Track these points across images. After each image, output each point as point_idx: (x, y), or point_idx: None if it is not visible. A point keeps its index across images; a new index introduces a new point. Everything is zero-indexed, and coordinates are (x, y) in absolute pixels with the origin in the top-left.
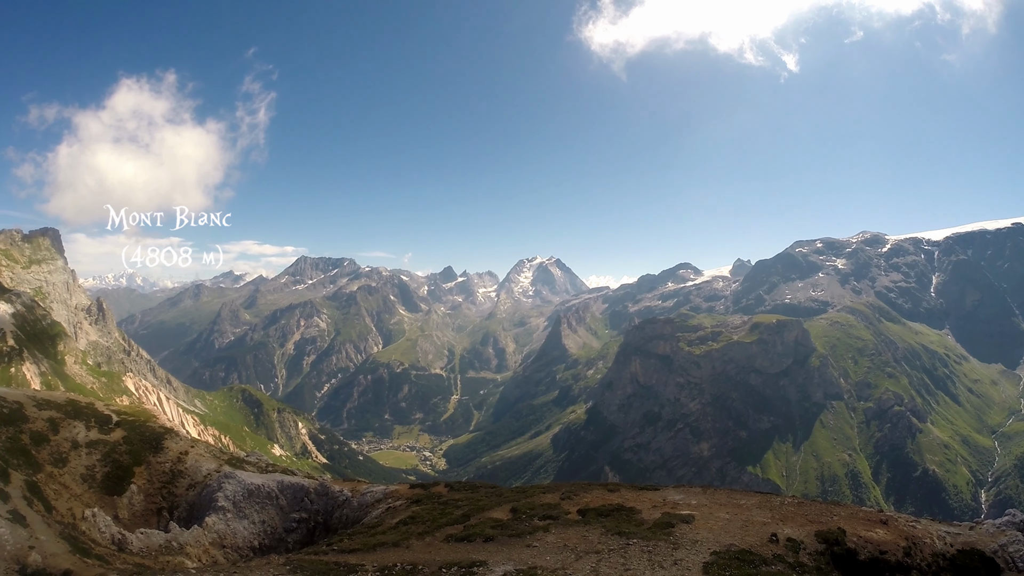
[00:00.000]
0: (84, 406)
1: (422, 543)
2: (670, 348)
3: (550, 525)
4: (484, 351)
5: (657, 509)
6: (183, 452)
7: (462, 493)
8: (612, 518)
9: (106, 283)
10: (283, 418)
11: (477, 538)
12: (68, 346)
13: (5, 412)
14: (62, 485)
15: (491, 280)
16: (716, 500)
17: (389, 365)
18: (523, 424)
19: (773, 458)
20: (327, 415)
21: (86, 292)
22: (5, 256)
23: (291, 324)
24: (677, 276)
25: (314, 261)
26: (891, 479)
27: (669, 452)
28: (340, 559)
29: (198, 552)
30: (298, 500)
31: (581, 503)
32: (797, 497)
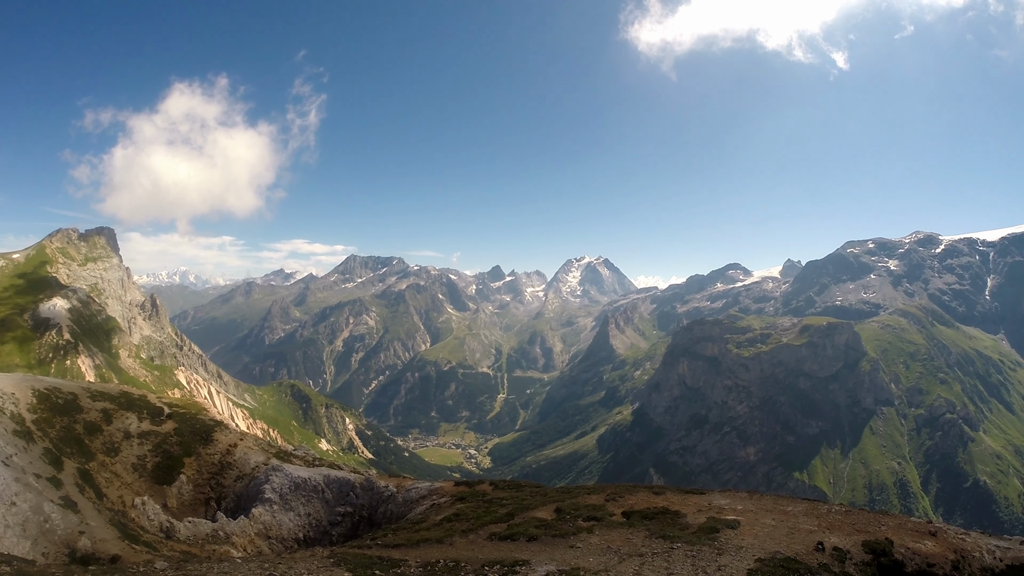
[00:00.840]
0: (137, 398)
1: (465, 540)
2: (718, 350)
3: (594, 526)
4: (531, 350)
5: (702, 513)
6: (232, 444)
7: (507, 492)
8: (657, 521)
9: (160, 280)
10: (331, 414)
11: (520, 537)
12: (122, 340)
13: (60, 403)
14: (114, 473)
15: (539, 279)
16: (762, 506)
17: (437, 363)
18: (569, 424)
19: (820, 464)
20: (374, 411)
21: (140, 289)
22: (62, 254)
23: (340, 321)
24: (726, 277)
25: (363, 260)
26: (941, 489)
27: (715, 455)
28: (384, 553)
29: (244, 542)
30: (344, 494)
31: (626, 505)
32: (844, 505)
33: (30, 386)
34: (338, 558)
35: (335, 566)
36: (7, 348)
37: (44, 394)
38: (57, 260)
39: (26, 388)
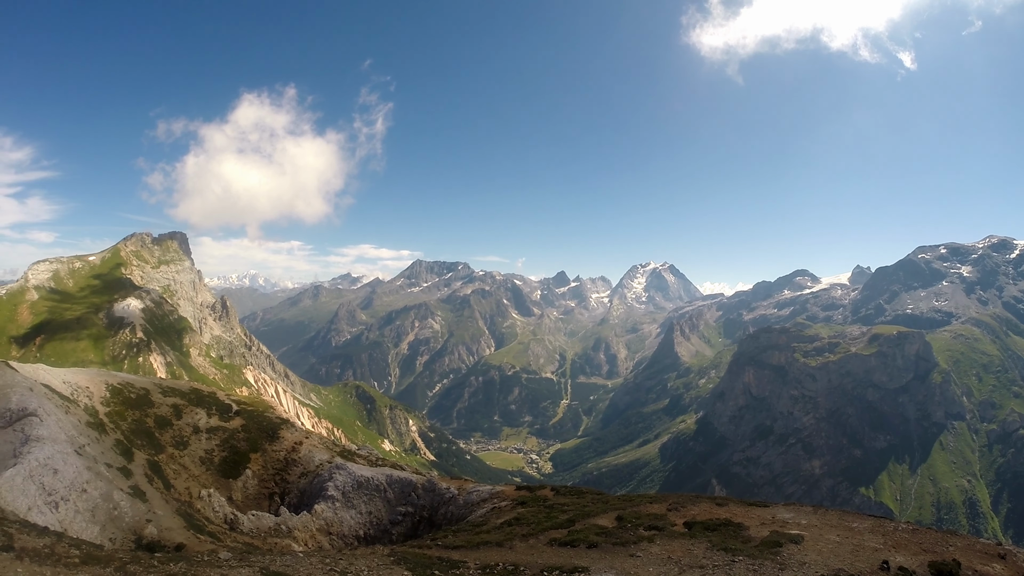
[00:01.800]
0: (206, 395)
1: (525, 545)
2: (785, 359)
3: (655, 536)
4: (595, 356)
5: (765, 527)
6: (297, 442)
7: (568, 498)
8: (719, 533)
9: (230, 283)
10: (394, 415)
11: (581, 544)
12: (193, 340)
13: (132, 397)
14: (181, 466)
15: (604, 285)
16: (827, 521)
17: (500, 367)
18: (631, 432)
19: (887, 480)
20: (437, 414)
21: (211, 291)
22: (136, 257)
23: (406, 325)
24: (794, 283)
25: (429, 265)
26: (1012, 509)
27: (779, 468)
28: (443, 554)
29: (305, 537)
30: (405, 494)
31: (688, 515)
32: (911, 523)
33: (104, 381)
34: (398, 557)
35: (395, 564)
36: (82, 345)
37: (117, 388)
38: (131, 263)
39: (100, 382)
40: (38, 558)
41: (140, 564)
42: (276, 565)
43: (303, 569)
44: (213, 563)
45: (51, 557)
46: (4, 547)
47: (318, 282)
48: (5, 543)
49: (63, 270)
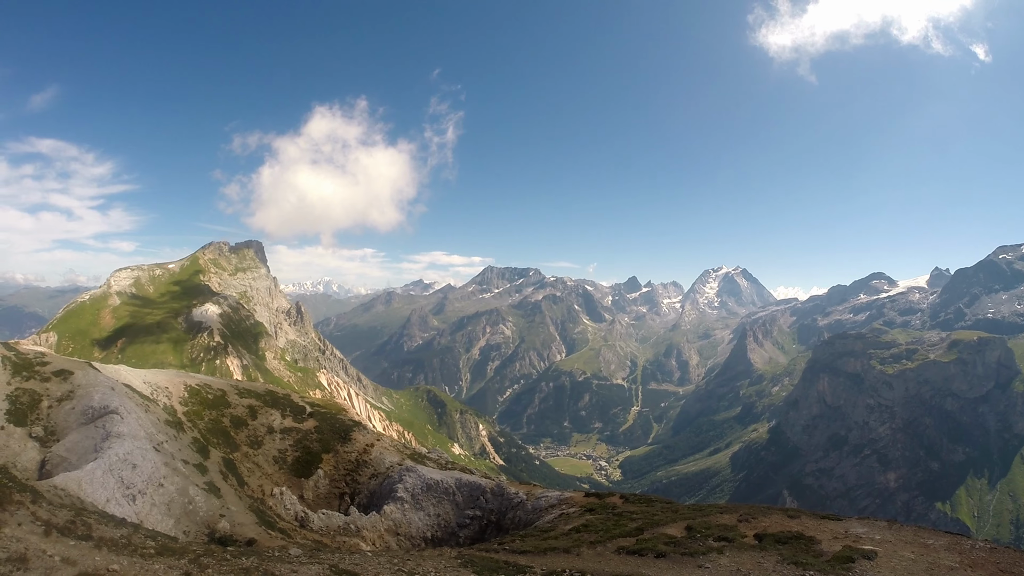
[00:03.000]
0: (281, 397)
1: (593, 552)
2: (861, 366)
3: (724, 547)
4: (667, 363)
5: (838, 541)
6: (369, 444)
7: (637, 506)
8: (790, 546)
9: (305, 289)
10: (465, 419)
11: (649, 553)
12: (268, 344)
13: (210, 398)
14: (255, 464)
15: (675, 291)
16: (901, 537)
17: (571, 373)
18: (702, 440)
19: (965, 495)
20: (507, 419)
21: (286, 297)
22: (214, 264)
23: (477, 330)
24: (869, 287)
25: (500, 271)
26: None
27: (853, 480)
28: (510, 559)
29: (373, 536)
30: (474, 498)
31: (759, 527)
32: (989, 542)
33: (183, 381)
34: (465, 559)
35: (462, 567)
36: (162, 348)
37: (195, 389)
38: (209, 270)
39: (179, 383)
40: (115, 548)
41: (213, 557)
42: (345, 563)
43: (371, 568)
44: (284, 559)
45: (128, 547)
46: (84, 536)
47: (391, 288)
48: (85, 533)
49: (144, 277)
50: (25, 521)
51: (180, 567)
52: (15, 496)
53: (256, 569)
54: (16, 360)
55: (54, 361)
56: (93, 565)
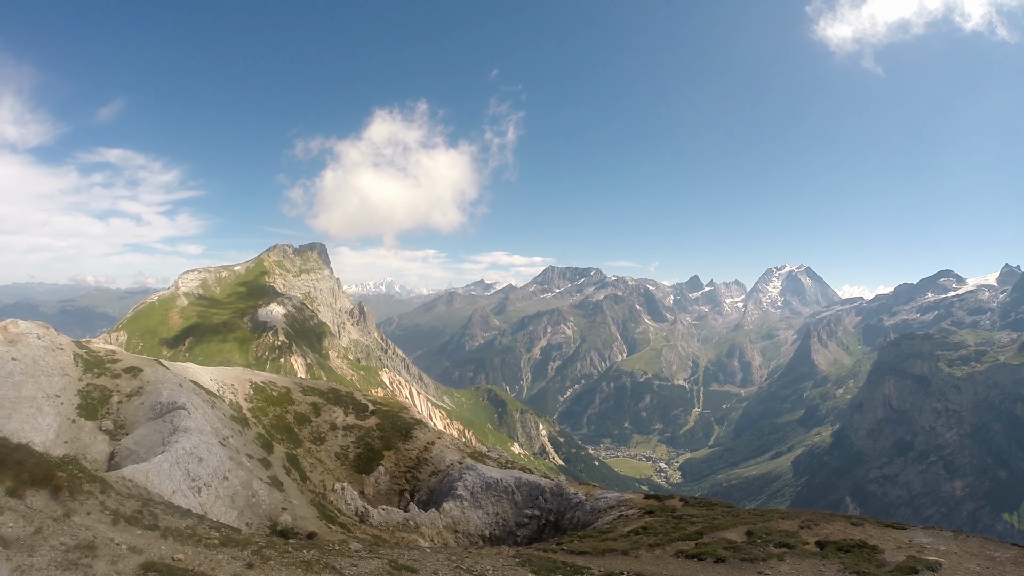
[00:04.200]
0: (344, 394)
1: (651, 555)
2: (928, 368)
3: (785, 554)
4: (729, 364)
5: (902, 551)
6: (430, 442)
7: (697, 509)
8: (852, 555)
9: (368, 290)
10: (525, 419)
11: (708, 557)
12: (332, 343)
13: (274, 395)
14: (318, 460)
15: (738, 290)
16: (967, 548)
17: (632, 374)
18: (764, 443)
19: None
20: (568, 419)
21: (349, 297)
22: (279, 266)
23: (538, 330)
24: (937, 285)
25: (561, 271)
26: None
27: (917, 488)
28: (568, 559)
29: (432, 533)
30: (533, 497)
31: (820, 534)
32: None
33: (248, 379)
34: (523, 558)
35: (520, 566)
36: (228, 346)
37: (260, 386)
38: (274, 271)
39: (245, 380)
40: (180, 538)
41: (275, 549)
42: (404, 559)
43: (430, 564)
44: (344, 553)
45: (192, 537)
46: (150, 526)
47: (452, 289)
48: (151, 523)
49: (210, 279)
50: (94, 510)
51: (243, 558)
52: (85, 486)
53: (317, 562)
54: (88, 357)
55: (124, 359)
56: (159, 554)
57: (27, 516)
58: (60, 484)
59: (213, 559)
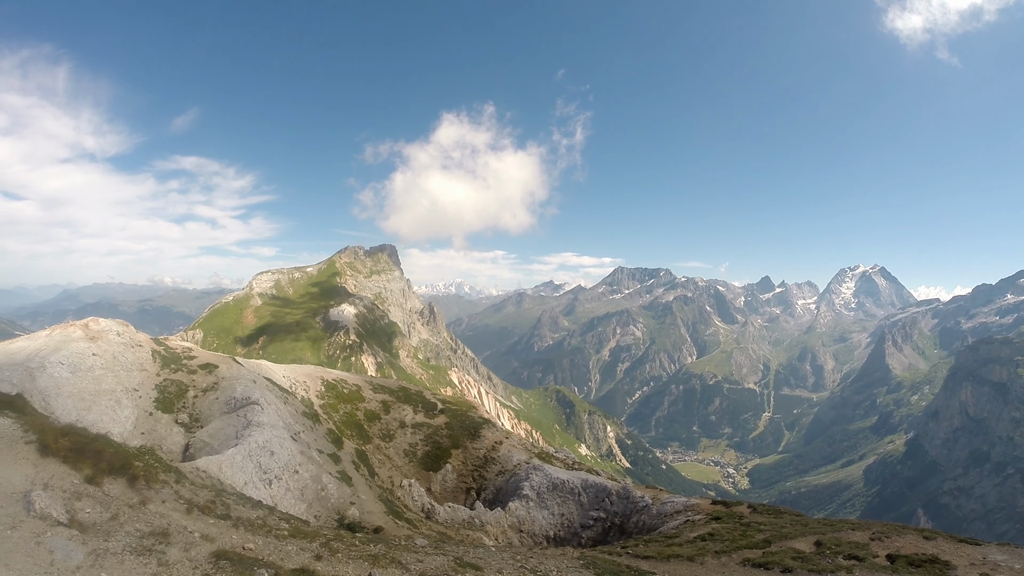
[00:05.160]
0: (413, 393)
1: (717, 562)
2: (1007, 375)
3: (854, 567)
4: (801, 367)
5: (975, 568)
6: (497, 442)
7: (765, 517)
8: (924, 570)
9: (437, 290)
10: (592, 420)
11: (775, 567)
12: (402, 342)
13: (345, 392)
14: (386, 456)
15: (810, 291)
16: None
17: (702, 376)
18: (835, 450)
19: None
20: (636, 421)
21: (420, 298)
22: (350, 268)
23: (607, 332)
24: (1017, 286)
25: (630, 271)
26: None
27: (993, 502)
28: (632, 563)
29: (496, 532)
30: (599, 499)
31: (891, 547)
32: None
33: (319, 376)
34: (588, 560)
35: (584, 568)
36: (301, 345)
37: (331, 384)
38: (345, 273)
39: (316, 378)
40: (251, 528)
41: (342, 542)
42: (469, 556)
43: (494, 563)
44: (410, 548)
45: (263, 528)
46: (222, 516)
47: (521, 290)
48: (223, 512)
49: (283, 279)
50: (169, 499)
51: (311, 550)
52: (160, 475)
53: (384, 556)
54: (165, 354)
55: (200, 355)
56: (230, 543)
57: (104, 502)
58: (137, 473)
59: (282, 549)
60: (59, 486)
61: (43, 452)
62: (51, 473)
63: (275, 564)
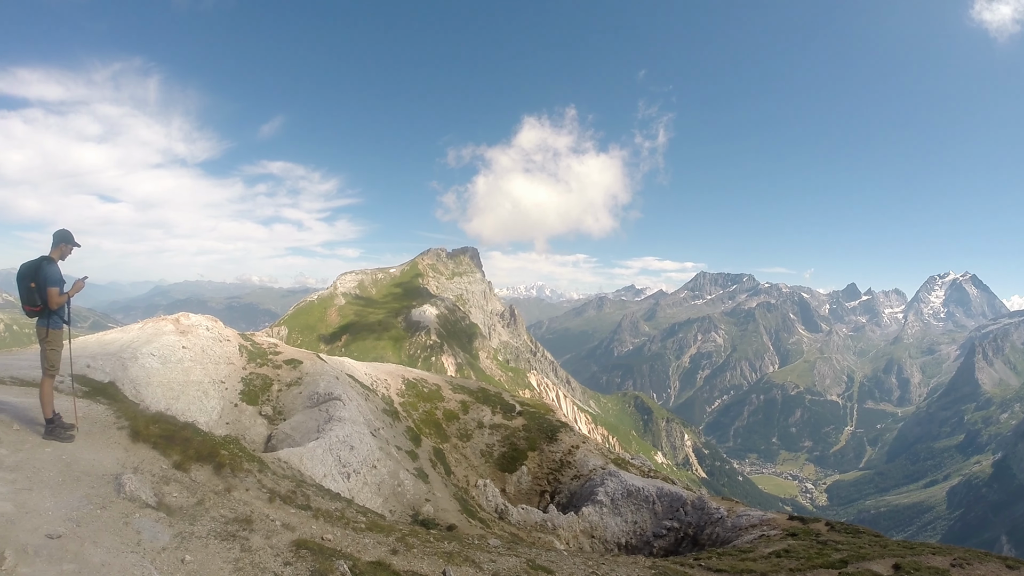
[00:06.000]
0: (492, 394)
1: None
2: None
3: None
4: (886, 380)
5: None
6: (574, 446)
7: (842, 536)
8: None
9: (518, 293)
10: (670, 428)
11: None
12: (482, 344)
13: (425, 391)
14: (463, 456)
15: (898, 299)
16: None
17: (783, 387)
18: (918, 469)
19: None
20: (714, 431)
21: (501, 300)
22: (432, 269)
23: (688, 338)
24: None
25: (713, 277)
26: None
27: None
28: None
29: (568, 536)
30: (673, 509)
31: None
32: None
33: (400, 375)
34: (659, 570)
35: None
36: (383, 344)
37: (412, 383)
38: (428, 274)
39: (397, 376)
40: (330, 519)
41: (417, 538)
42: (541, 559)
43: (566, 567)
44: (483, 548)
45: (341, 520)
46: (303, 506)
47: (602, 294)
48: (304, 503)
49: (367, 280)
50: (252, 487)
51: (388, 544)
52: (244, 464)
53: (458, 554)
54: (252, 349)
55: (285, 351)
56: (310, 533)
57: (191, 488)
58: (223, 461)
59: (360, 542)
60: (148, 470)
61: (134, 438)
62: (141, 458)
63: (353, 556)
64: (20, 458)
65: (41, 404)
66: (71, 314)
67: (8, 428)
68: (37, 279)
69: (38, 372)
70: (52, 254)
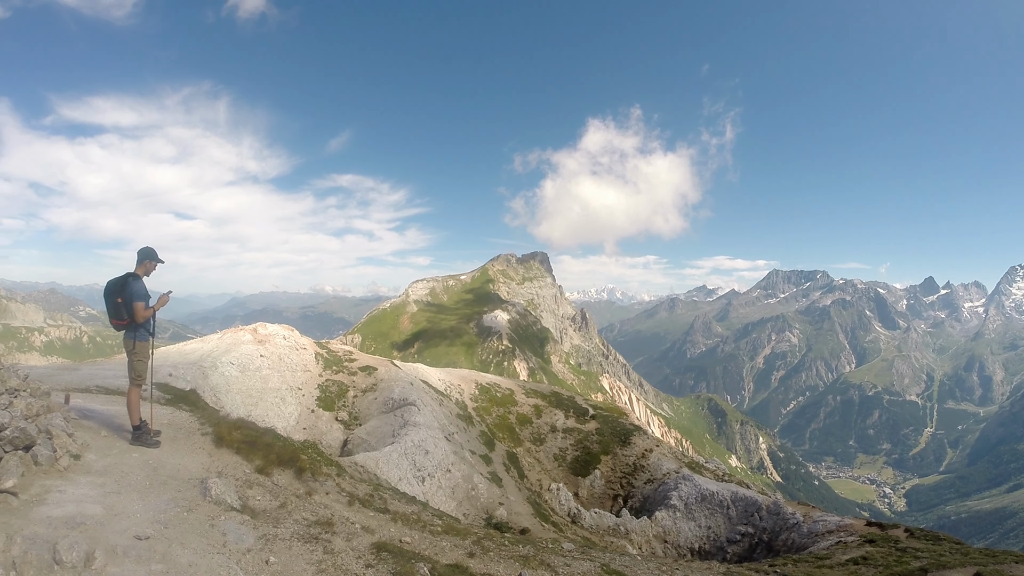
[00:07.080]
0: (565, 398)
1: None
2: None
3: None
4: (967, 378)
5: None
6: (647, 449)
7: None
8: None
9: (589, 297)
10: (745, 431)
11: None
12: (554, 348)
13: (498, 396)
14: (536, 460)
15: (978, 292)
16: None
17: (861, 387)
18: (1001, 473)
19: None
20: (789, 433)
21: (571, 304)
22: (503, 275)
23: (761, 338)
24: None
25: (785, 274)
26: None
27: None
28: None
29: (641, 541)
30: (748, 514)
31: None
32: None
33: (474, 380)
34: None
35: None
36: (455, 350)
37: (485, 387)
38: (498, 280)
39: (471, 381)
40: (407, 522)
41: (492, 541)
42: (615, 564)
43: (640, 572)
44: (557, 551)
45: (418, 523)
46: (381, 509)
47: (674, 295)
48: (381, 506)
49: (438, 287)
50: (332, 491)
51: (464, 547)
52: (323, 468)
53: (533, 558)
54: (327, 356)
55: (360, 358)
56: (388, 535)
57: (273, 492)
58: (304, 465)
59: (437, 545)
60: (232, 474)
61: (218, 443)
62: (225, 462)
63: (431, 559)
64: (108, 463)
65: (128, 411)
66: (155, 327)
67: (96, 434)
68: (123, 294)
69: (122, 381)
70: (137, 270)
